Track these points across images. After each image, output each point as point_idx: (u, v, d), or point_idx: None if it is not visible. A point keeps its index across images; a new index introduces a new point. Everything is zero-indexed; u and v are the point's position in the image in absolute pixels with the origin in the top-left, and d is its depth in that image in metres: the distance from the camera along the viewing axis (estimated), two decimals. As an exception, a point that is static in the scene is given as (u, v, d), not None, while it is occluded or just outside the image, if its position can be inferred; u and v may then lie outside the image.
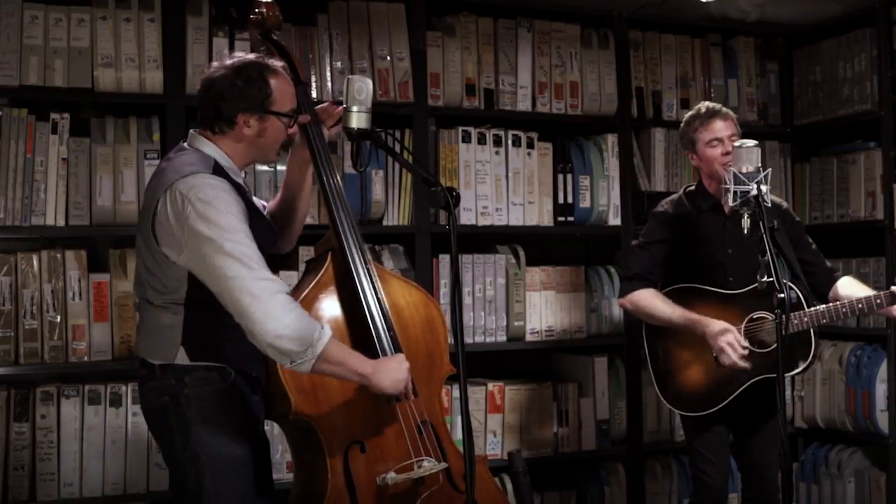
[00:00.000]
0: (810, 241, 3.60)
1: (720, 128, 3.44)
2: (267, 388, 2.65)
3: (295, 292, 2.76)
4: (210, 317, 2.46)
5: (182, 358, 2.50)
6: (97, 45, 3.53)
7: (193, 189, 2.42)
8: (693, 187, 3.59)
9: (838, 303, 3.31)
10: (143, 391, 2.61)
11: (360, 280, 2.73)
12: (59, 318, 3.46)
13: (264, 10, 2.84)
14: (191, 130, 2.63)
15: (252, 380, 2.60)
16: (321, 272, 2.76)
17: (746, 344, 3.33)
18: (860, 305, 3.27)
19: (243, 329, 2.38)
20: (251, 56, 2.64)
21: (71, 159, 3.51)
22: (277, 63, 2.63)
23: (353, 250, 2.76)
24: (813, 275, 3.51)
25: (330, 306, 2.75)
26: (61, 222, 3.50)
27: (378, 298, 2.74)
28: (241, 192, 2.55)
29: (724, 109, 3.50)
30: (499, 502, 2.94)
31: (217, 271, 2.37)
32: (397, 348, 2.71)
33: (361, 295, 2.72)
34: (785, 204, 3.65)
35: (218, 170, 2.52)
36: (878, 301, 3.25)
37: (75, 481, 3.46)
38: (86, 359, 3.50)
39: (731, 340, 3.31)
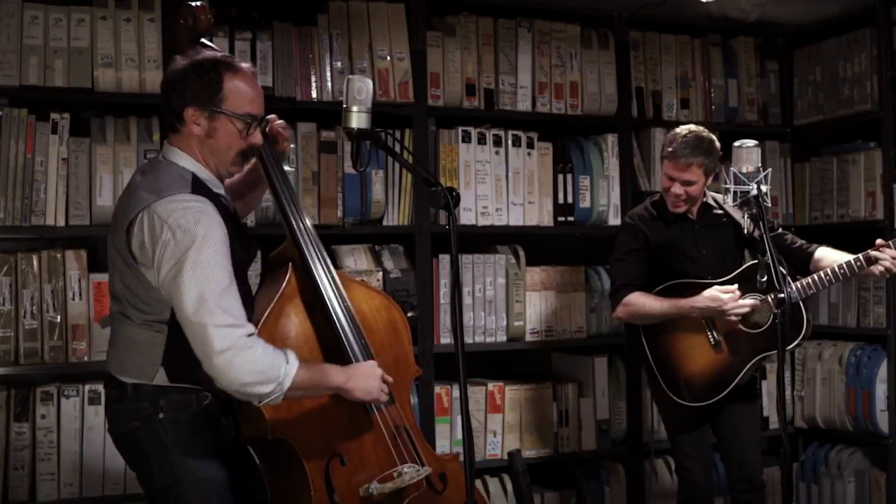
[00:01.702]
0: (780, 229, 3.70)
1: (674, 169, 3.50)
2: (239, 410, 2.58)
3: (258, 307, 2.62)
4: None
5: (161, 378, 2.42)
6: (97, 45, 3.53)
7: (173, 214, 2.31)
8: (657, 198, 3.68)
9: (821, 272, 3.41)
10: (112, 413, 2.51)
11: (325, 289, 2.66)
12: (59, 318, 3.46)
13: (195, 13, 2.70)
14: (164, 142, 2.54)
15: (223, 402, 2.53)
16: (283, 284, 2.66)
17: (737, 293, 3.42)
18: (842, 271, 3.38)
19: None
20: (217, 54, 2.53)
21: (71, 159, 3.51)
22: (245, 65, 2.50)
23: (315, 259, 2.68)
24: (792, 256, 3.60)
25: (297, 320, 2.67)
26: (61, 222, 3.50)
27: (345, 306, 2.68)
28: (221, 204, 2.44)
29: (689, 153, 3.46)
30: (479, 499, 2.93)
31: (184, 312, 2.29)
32: (369, 355, 2.67)
33: (329, 305, 2.66)
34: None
35: (197, 185, 2.41)
36: (859, 264, 3.36)
37: (75, 481, 3.46)
38: (86, 359, 3.50)
39: (724, 298, 3.40)
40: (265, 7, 3.87)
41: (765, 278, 3.00)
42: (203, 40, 2.72)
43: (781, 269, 3.31)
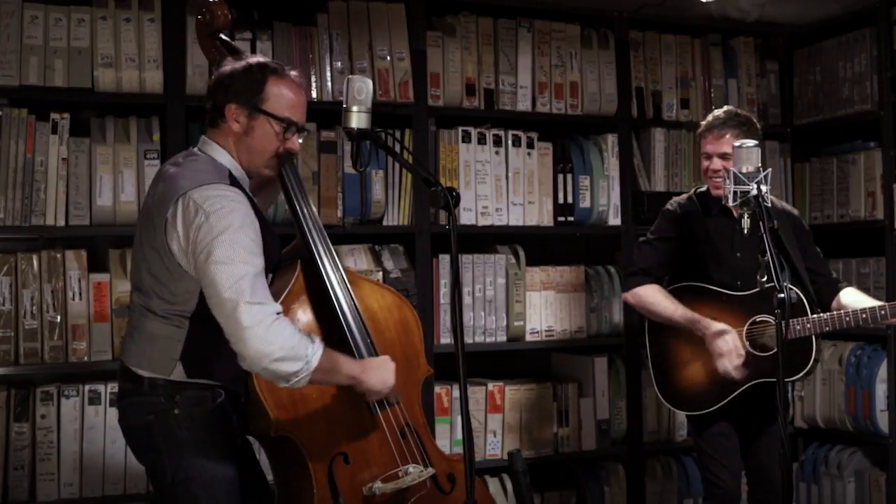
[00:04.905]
0: (818, 250, 3.62)
1: (708, 143, 3.47)
2: (246, 406, 2.61)
3: None
4: (212, 333, 2.38)
5: (178, 374, 2.45)
6: (97, 45, 3.53)
7: (209, 200, 2.36)
8: (704, 189, 3.60)
9: (842, 311, 3.33)
10: (124, 406, 2.53)
11: (332, 287, 2.70)
12: (59, 318, 3.46)
13: (211, 9, 2.75)
14: (202, 136, 2.60)
15: (234, 397, 2.57)
16: (291, 281, 2.70)
17: (742, 352, 3.34)
18: (864, 315, 3.28)
19: (236, 353, 2.34)
20: (268, 59, 2.60)
21: (71, 159, 3.51)
22: (293, 73, 2.59)
23: (324, 257, 2.72)
24: (817, 283, 3.52)
25: (303, 317, 2.70)
26: (61, 222, 3.50)
27: (352, 305, 2.71)
28: (252, 201, 2.50)
29: (722, 123, 3.44)
30: (485, 500, 2.93)
31: (215, 291, 2.32)
32: (375, 354, 2.69)
33: (336, 303, 2.69)
34: (795, 212, 3.67)
35: (233, 181, 2.47)
36: (883, 312, 3.27)
37: (75, 481, 3.46)
38: (86, 359, 3.50)
39: (729, 347, 3.32)
40: (265, 7, 3.87)
41: (765, 278, 2.97)
42: (222, 36, 2.76)
43: (798, 292, 3.29)
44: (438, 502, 2.75)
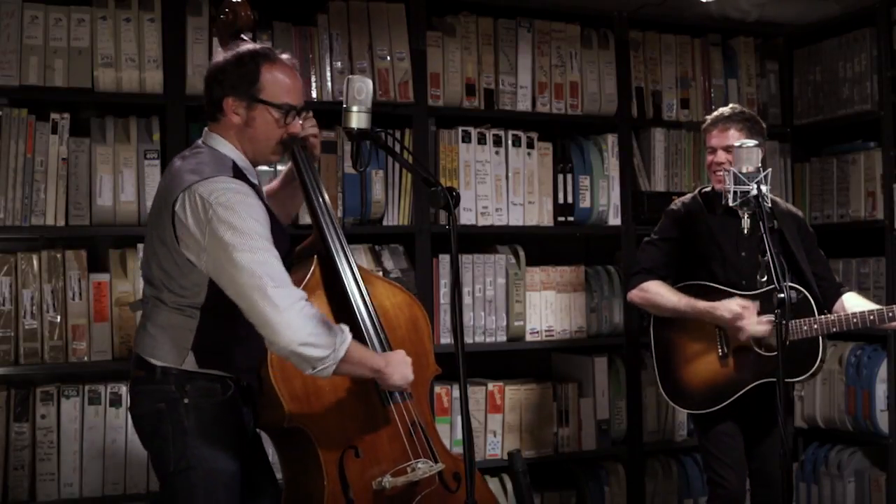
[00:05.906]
0: (822, 253, 3.62)
1: (713, 137, 3.48)
2: (259, 398, 2.63)
3: None
4: (224, 324, 2.40)
5: (190, 363, 2.46)
6: (97, 45, 3.53)
7: (215, 193, 2.36)
8: (708, 188, 3.60)
9: (850, 312, 3.33)
10: (136, 393, 2.55)
11: (348, 283, 2.72)
12: (59, 318, 3.46)
13: (235, 9, 2.77)
14: (205, 128, 2.61)
15: (245, 390, 2.58)
16: (308, 276, 2.72)
17: (754, 304, 3.31)
18: (871, 317, 3.29)
19: (264, 338, 2.35)
20: (257, 45, 2.59)
21: (71, 159, 3.51)
22: (285, 56, 2.58)
23: (340, 253, 2.75)
24: (821, 287, 3.51)
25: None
26: (61, 222, 3.50)
27: (367, 301, 2.73)
28: (258, 193, 2.51)
29: (727, 117, 3.46)
30: (488, 500, 2.94)
31: (237, 280, 2.32)
32: (390, 350, 2.71)
33: (352, 298, 2.71)
34: (800, 213, 3.67)
35: (237, 173, 2.47)
36: (891, 314, 3.27)
37: (75, 481, 3.46)
38: (86, 359, 3.50)
39: (738, 309, 3.31)
40: (265, 7, 3.85)
41: (765, 278, 2.97)
42: (243, 36, 2.77)
43: (806, 293, 3.30)
44: (445, 500, 2.77)
